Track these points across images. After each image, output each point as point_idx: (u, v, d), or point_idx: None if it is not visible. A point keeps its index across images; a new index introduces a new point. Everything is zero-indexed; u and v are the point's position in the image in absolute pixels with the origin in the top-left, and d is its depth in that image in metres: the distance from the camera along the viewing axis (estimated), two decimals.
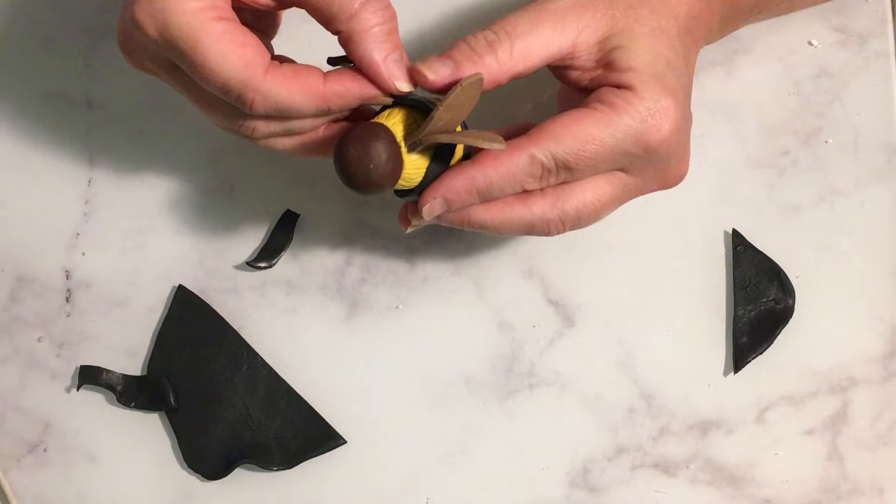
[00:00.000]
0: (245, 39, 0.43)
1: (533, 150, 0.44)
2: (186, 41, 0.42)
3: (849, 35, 0.56)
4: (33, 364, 0.55)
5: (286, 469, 0.53)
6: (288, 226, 0.55)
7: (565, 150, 0.44)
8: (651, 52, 0.45)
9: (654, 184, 0.48)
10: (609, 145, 0.45)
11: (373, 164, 0.42)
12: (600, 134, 0.44)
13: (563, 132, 0.44)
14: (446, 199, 0.45)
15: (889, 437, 0.53)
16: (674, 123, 0.45)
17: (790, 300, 0.54)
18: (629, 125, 0.44)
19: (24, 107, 0.56)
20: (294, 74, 0.43)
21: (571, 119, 0.45)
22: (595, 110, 0.45)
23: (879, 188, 0.55)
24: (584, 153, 0.44)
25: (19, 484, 0.54)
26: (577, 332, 0.54)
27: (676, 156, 0.47)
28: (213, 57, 0.42)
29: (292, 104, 0.43)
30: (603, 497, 0.53)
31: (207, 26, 0.42)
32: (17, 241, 0.56)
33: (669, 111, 0.45)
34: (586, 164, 0.45)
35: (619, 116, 0.44)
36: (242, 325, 0.54)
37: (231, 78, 0.42)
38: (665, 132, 0.45)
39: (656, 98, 0.45)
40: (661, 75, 0.45)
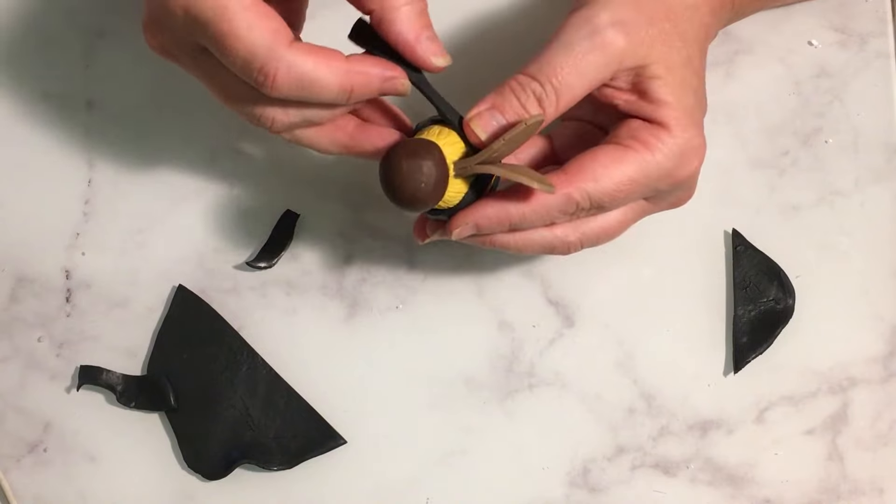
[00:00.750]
0: (270, 12, 0.43)
1: (571, 191, 0.45)
2: (214, 9, 0.41)
3: (849, 35, 0.56)
4: (33, 364, 0.55)
5: (286, 469, 0.53)
6: (288, 226, 0.55)
7: (602, 191, 0.45)
8: (683, 84, 0.46)
9: (668, 206, 0.49)
10: (643, 184, 0.45)
11: (423, 182, 0.42)
12: (636, 175, 0.45)
13: (601, 173, 0.45)
14: (478, 225, 0.46)
15: (889, 437, 0.53)
16: (701, 159, 0.47)
17: (790, 300, 0.54)
18: (663, 165, 0.45)
19: (24, 107, 0.56)
20: (319, 49, 0.43)
21: (609, 159, 0.45)
22: (631, 150, 0.45)
23: (879, 188, 0.55)
24: (620, 194, 0.45)
25: (19, 484, 0.54)
26: (577, 332, 0.54)
27: (693, 183, 0.48)
28: (240, 24, 0.42)
29: (316, 78, 0.43)
30: (603, 497, 0.53)
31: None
32: (17, 241, 0.56)
33: (700, 148, 0.46)
34: (618, 202, 0.46)
35: (653, 157, 0.45)
36: (242, 325, 0.54)
37: (256, 45, 0.42)
38: (693, 168, 0.46)
39: (689, 137, 0.45)
40: (691, 109, 0.46)
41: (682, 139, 0.45)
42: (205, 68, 0.45)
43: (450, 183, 0.44)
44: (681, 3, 0.46)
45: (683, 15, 0.46)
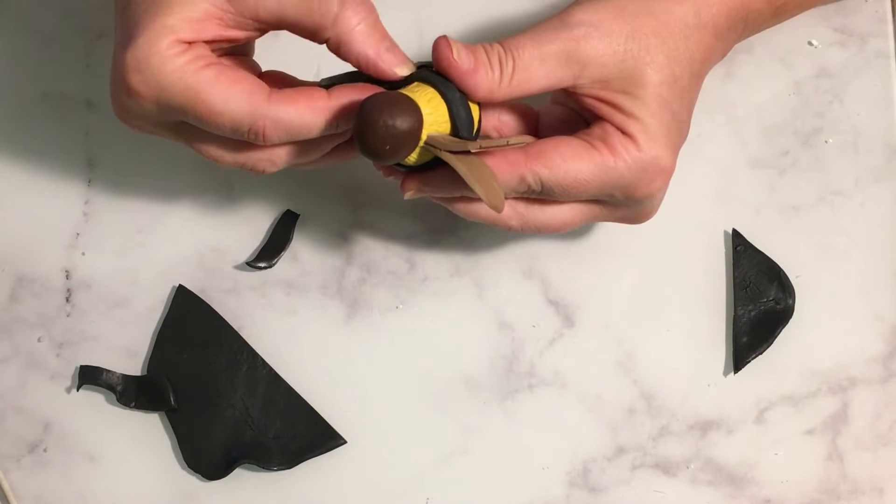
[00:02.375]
0: (238, 75, 0.43)
1: (524, 172, 0.45)
2: (186, 96, 0.43)
3: (849, 35, 0.56)
4: (33, 364, 0.55)
5: (286, 469, 0.53)
6: (288, 226, 0.55)
7: (555, 179, 0.45)
8: (659, 102, 0.45)
9: (623, 219, 0.49)
10: (596, 186, 0.45)
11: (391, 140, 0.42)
12: (592, 175, 0.45)
13: (559, 163, 0.45)
14: (429, 189, 0.46)
15: (889, 437, 0.53)
16: (665, 180, 0.46)
17: (790, 300, 0.54)
18: (623, 175, 0.45)
19: (24, 107, 0.56)
20: (298, 94, 0.44)
21: (571, 151, 0.45)
22: (595, 150, 0.45)
23: (879, 188, 0.55)
24: (571, 187, 0.45)
25: (19, 484, 0.54)
26: (577, 332, 0.54)
27: (655, 204, 0.48)
28: (216, 101, 0.43)
29: (303, 123, 0.44)
30: (603, 497, 0.53)
31: (200, 76, 0.43)
32: (17, 241, 0.56)
33: (665, 169, 0.46)
34: (569, 195, 0.46)
35: (615, 163, 0.45)
36: (242, 325, 0.54)
37: (238, 113, 0.43)
38: (654, 187, 0.46)
39: (656, 155, 0.45)
40: (666, 129, 0.45)
41: (648, 156, 0.45)
42: (189, 136, 0.46)
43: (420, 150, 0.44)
44: (679, 20, 0.46)
45: (679, 33, 0.46)
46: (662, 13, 0.46)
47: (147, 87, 0.43)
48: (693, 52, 0.46)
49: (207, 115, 0.43)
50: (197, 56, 0.43)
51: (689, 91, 0.47)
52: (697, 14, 0.46)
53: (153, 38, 0.42)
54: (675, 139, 0.46)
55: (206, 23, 0.43)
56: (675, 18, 0.46)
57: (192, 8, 0.43)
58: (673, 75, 0.46)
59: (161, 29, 0.42)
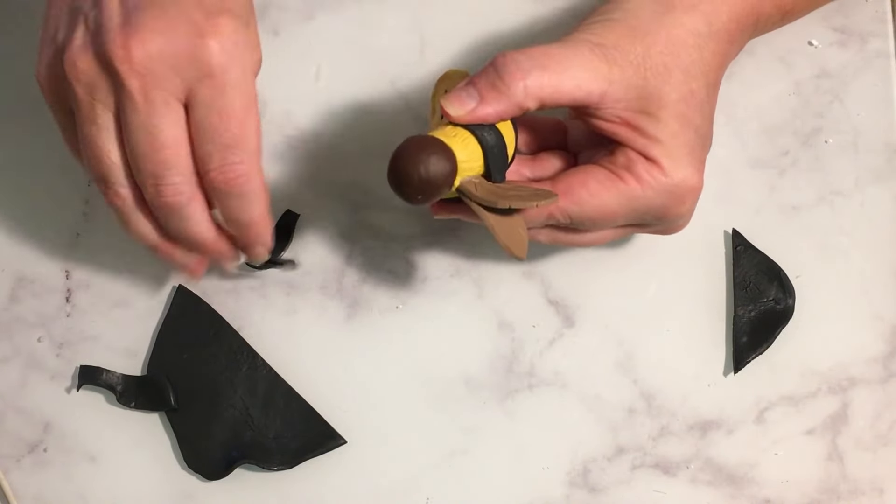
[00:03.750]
0: None
1: (553, 211, 0.45)
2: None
3: (849, 35, 0.56)
4: (33, 364, 0.55)
5: (286, 469, 0.53)
6: (288, 226, 0.55)
7: (584, 214, 0.45)
8: (680, 120, 0.45)
9: (657, 233, 0.49)
10: (625, 215, 0.46)
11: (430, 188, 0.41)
12: (620, 206, 0.45)
13: (587, 199, 0.45)
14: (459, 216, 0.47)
15: (889, 437, 0.53)
16: (695, 199, 0.46)
17: (790, 300, 0.54)
18: (651, 201, 0.45)
19: (24, 107, 0.56)
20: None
21: (599, 186, 0.45)
22: (621, 181, 0.45)
23: (879, 188, 0.55)
24: (601, 220, 0.46)
25: (19, 484, 0.54)
26: (577, 332, 0.54)
27: (687, 220, 0.48)
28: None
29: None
30: (603, 497, 0.53)
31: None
32: (17, 241, 0.56)
33: (694, 190, 0.46)
34: (599, 226, 0.47)
35: (643, 192, 0.45)
36: (242, 325, 0.54)
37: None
38: (685, 208, 0.46)
39: (683, 177, 0.45)
40: (690, 148, 0.45)
41: (676, 179, 0.45)
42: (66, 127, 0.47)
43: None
44: (691, 32, 0.45)
45: (692, 45, 0.45)
46: (673, 27, 0.45)
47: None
48: (708, 62, 0.46)
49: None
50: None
51: (708, 102, 0.46)
52: (709, 24, 0.46)
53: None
54: (700, 155, 0.46)
55: None
56: (687, 31, 0.45)
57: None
58: (691, 91, 0.45)
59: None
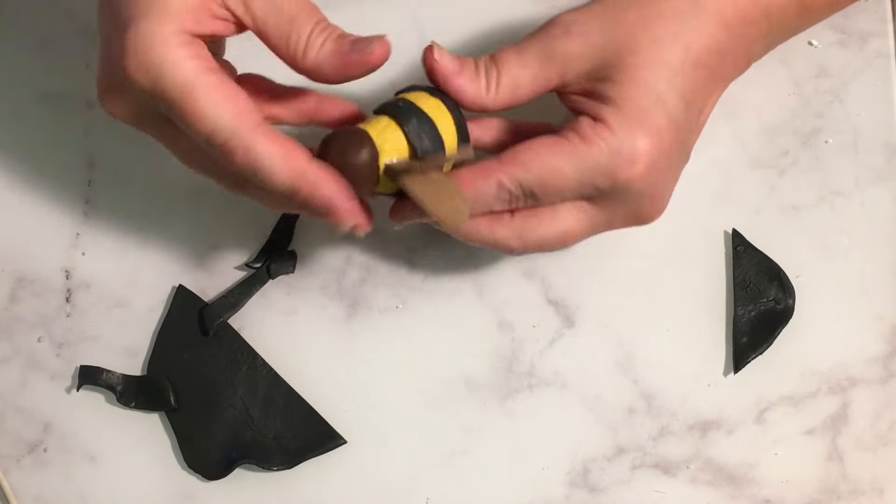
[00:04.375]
0: (237, 93, 0.43)
1: (501, 177, 0.45)
2: (181, 88, 0.42)
3: (849, 35, 0.56)
4: (33, 364, 0.55)
5: (286, 469, 0.53)
6: (288, 226, 0.55)
7: (531, 178, 0.44)
8: (640, 85, 0.44)
9: (626, 220, 0.47)
10: (575, 178, 0.45)
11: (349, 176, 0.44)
12: (566, 166, 0.44)
13: (532, 160, 0.44)
14: (414, 215, 0.47)
15: (889, 437, 0.53)
16: (647, 163, 0.44)
17: (790, 300, 0.54)
18: (597, 160, 0.44)
19: (24, 107, 0.56)
20: (282, 141, 0.43)
21: (543, 147, 0.45)
22: (566, 140, 0.44)
23: (879, 188, 0.55)
24: (549, 183, 0.45)
25: (19, 484, 0.54)
26: (577, 332, 0.54)
27: (650, 195, 0.46)
28: (206, 104, 0.42)
29: (269, 167, 0.43)
30: (603, 497, 0.53)
31: (201, 76, 0.42)
32: (17, 241, 0.56)
33: (643, 149, 0.44)
34: (552, 193, 0.45)
35: (588, 150, 0.44)
36: (242, 325, 0.54)
37: (220, 125, 0.42)
38: (636, 171, 0.44)
39: (631, 136, 0.44)
40: (644, 111, 0.44)
41: (622, 137, 0.44)
42: (166, 134, 0.46)
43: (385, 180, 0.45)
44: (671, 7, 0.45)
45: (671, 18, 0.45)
46: (656, 3, 0.45)
47: (145, 71, 0.42)
48: (689, 37, 0.45)
49: (192, 114, 0.42)
50: (199, 54, 0.43)
51: (683, 76, 0.45)
52: (695, 2, 0.45)
53: (157, 22, 0.42)
54: (658, 122, 0.44)
55: (202, 11, 0.43)
56: (669, 6, 0.45)
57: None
58: (659, 58, 0.44)
59: (164, 15, 0.42)
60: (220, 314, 0.54)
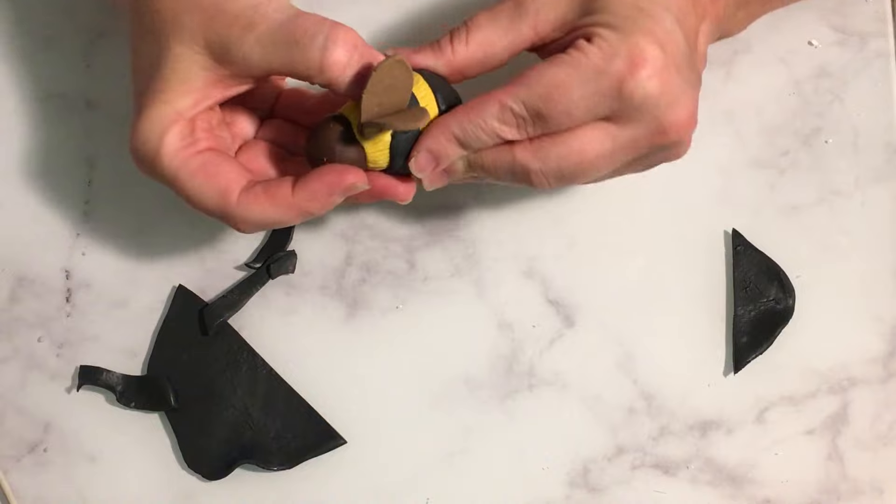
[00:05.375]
0: (218, 169, 0.46)
1: (502, 97, 0.44)
2: (169, 180, 0.46)
3: (849, 35, 0.56)
4: (33, 364, 0.55)
5: (286, 469, 0.53)
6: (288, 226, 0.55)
7: (534, 95, 0.44)
8: (620, 3, 0.44)
9: (650, 135, 0.45)
10: (577, 89, 0.43)
11: (327, 156, 0.45)
12: (567, 77, 0.43)
13: (532, 78, 0.44)
14: (430, 150, 0.46)
15: (889, 437, 0.53)
16: (651, 63, 0.43)
17: (790, 300, 0.54)
18: (598, 65, 0.43)
19: (24, 107, 0.56)
20: (264, 192, 0.46)
21: (544, 65, 0.44)
22: (566, 55, 0.44)
23: (879, 188, 0.55)
24: (553, 98, 0.43)
25: (19, 484, 0.54)
26: (577, 332, 0.54)
27: (666, 99, 0.44)
28: (192, 191, 0.46)
29: (271, 220, 0.46)
30: (603, 497, 0.53)
31: (186, 166, 0.46)
32: (17, 241, 0.56)
33: (642, 49, 0.43)
34: (559, 111, 0.44)
35: (587, 58, 0.43)
36: (242, 325, 0.54)
37: (209, 207, 0.46)
38: (642, 73, 0.43)
39: (626, 38, 0.43)
40: (635, 20, 0.44)
41: (617, 39, 0.43)
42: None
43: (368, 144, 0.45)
44: None
45: None
46: None
47: (144, 164, 0.47)
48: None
49: (184, 197, 0.46)
50: (191, 142, 0.46)
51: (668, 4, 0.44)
52: None
53: (154, 118, 0.45)
54: (652, 28, 0.44)
55: (208, 90, 0.46)
56: None
57: (191, 80, 0.46)
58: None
59: (163, 107, 0.46)
60: (220, 314, 0.54)
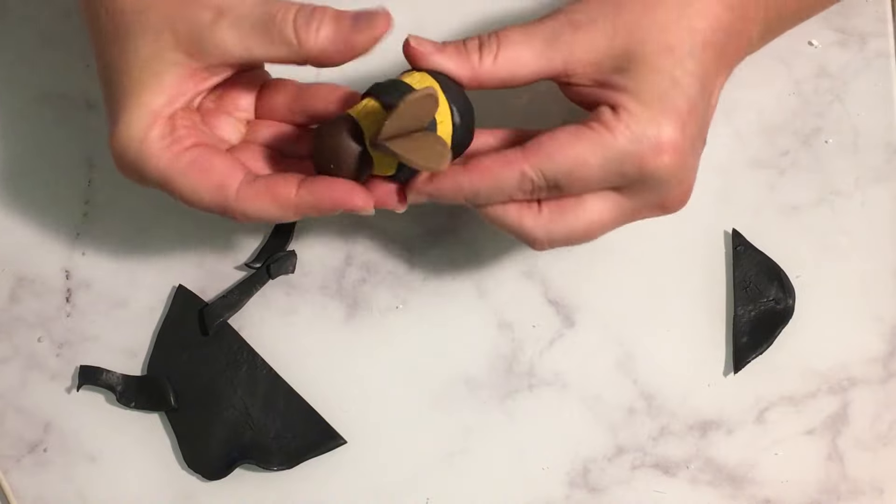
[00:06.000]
0: (211, 164, 0.45)
1: (525, 167, 0.44)
2: (161, 182, 0.45)
3: (849, 35, 0.56)
4: (33, 364, 0.55)
5: (286, 469, 0.53)
6: (288, 226, 0.55)
7: (557, 169, 0.44)
8: (654, 71, 0.44)
9: (653, 208, 0.47)
10: (601, 167, 0.44)
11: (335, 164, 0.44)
12: (593, 156, 0.44)
13: (556, 151, 0.44)
14: (432, 196, 0.46)
15: (889, 437, 0.53)
16: (673, 149, 0.44)
17: (790, 300, 0.54)
18: (623, 147, 0.44)
19: (24, 107, 0.56)
20: (265, 188, 0.45)
21: (567, 137, 0.44)
22: (591, 129, 0.44)
23: (879, 188, 0.55)
24: (576, 174, 0.44)
25: (19, 484, 0.54)
26: (577, 332, 0.54)
27: (677, 179, 0.45)
28: (186, 190, 0.45)
29: (268, 216, 0.45)
30: (603, 497, 0.53)
31: (175, 164, 0.45)
32: (17, 241, 0.56)
33: (668, 136, 0.44)
34: (578, 185, 0.45)
35: (613, 138, 0.44)
36: (242, 325, 0.54)
37: (206, 203, 0.45)
38: (663, 159, 0.44)
39: (654, 120, 0.44)
40: (662, 95, 0.44)
41: (645, 122, 0.44)
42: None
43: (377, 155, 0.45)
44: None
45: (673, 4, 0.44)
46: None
47: (130, 168, 0.46)
48: (693, 20, 0.45)
49: (178, 197, 0.45)
50: (174, 140, 0.45)
51: (693, 58, 0.45)
52: None
53: (131, 121, 0.45)
54: (678, 106, 0.44)
55: (182, 86, 0.45)
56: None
57: (163, 78, 0.44)
58: (667, 44, 0.44)
59: (138, 109, 0.45)
60: (220, 314, 0.54)
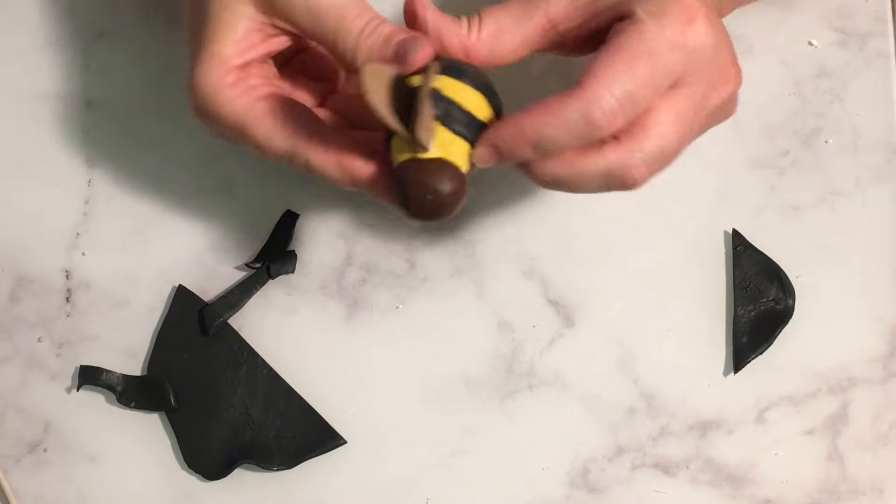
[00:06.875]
0: (287, 111, 0.45)
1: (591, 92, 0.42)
2: (236, 124, 0.45)
3: (849, 35, 0.56)
4: (33, 364, 0.55)
5: (286, 469, 0.53)
6: (288, 226, 0.55)
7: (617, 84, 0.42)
8: None
9: (716, 87, 0.45)
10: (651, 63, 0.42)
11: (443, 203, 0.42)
12: (639, 49, 0.42)
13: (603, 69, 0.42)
14: (496, 146, 0.43)
15: (889, 437, 0.53)
16: (700, 12, 0.43)
17: (790, 300, 0.54)
18: (659, 33, 0.42)
19: (24, 107, 0.56)
20: (337, 149, 0.45)
21: (607, 56, 0.42)
22: (623, 40, 0.42)
23: (879, 188, 0.55)
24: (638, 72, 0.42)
25: (19, 484, 0.54)
26: (577, 332, 0.54)
27: (720, 41, 0.44)
28: (260, 135, 0.45)
29: (329, 175, 0.45)
30: (603, 497, 0.53)
31: (250, 110, 0.45)
32: (17, 241, 0.56)
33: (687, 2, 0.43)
34: (646, 85, 0.42)
35: (646, 30, 0.42)
36: (242, 325, 0.54)
37: (278, 151, 0.45)
38: (697, 25, 0.43)
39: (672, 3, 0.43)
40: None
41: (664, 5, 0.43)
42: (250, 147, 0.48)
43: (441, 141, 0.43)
44: None
45: None
46: None
47: (206, 115, 0.46)
48: None
49: (252, 144, 0.46)
50: (249, 87, 0.45)
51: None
52: None
53: (206, 69, 0.45)
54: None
55: (250, 39, 0.46)
56: None
57: (233, 30, 0.45)
58: None
59: (211, 58, 0.45)
60: (220, 314, 0.54)
